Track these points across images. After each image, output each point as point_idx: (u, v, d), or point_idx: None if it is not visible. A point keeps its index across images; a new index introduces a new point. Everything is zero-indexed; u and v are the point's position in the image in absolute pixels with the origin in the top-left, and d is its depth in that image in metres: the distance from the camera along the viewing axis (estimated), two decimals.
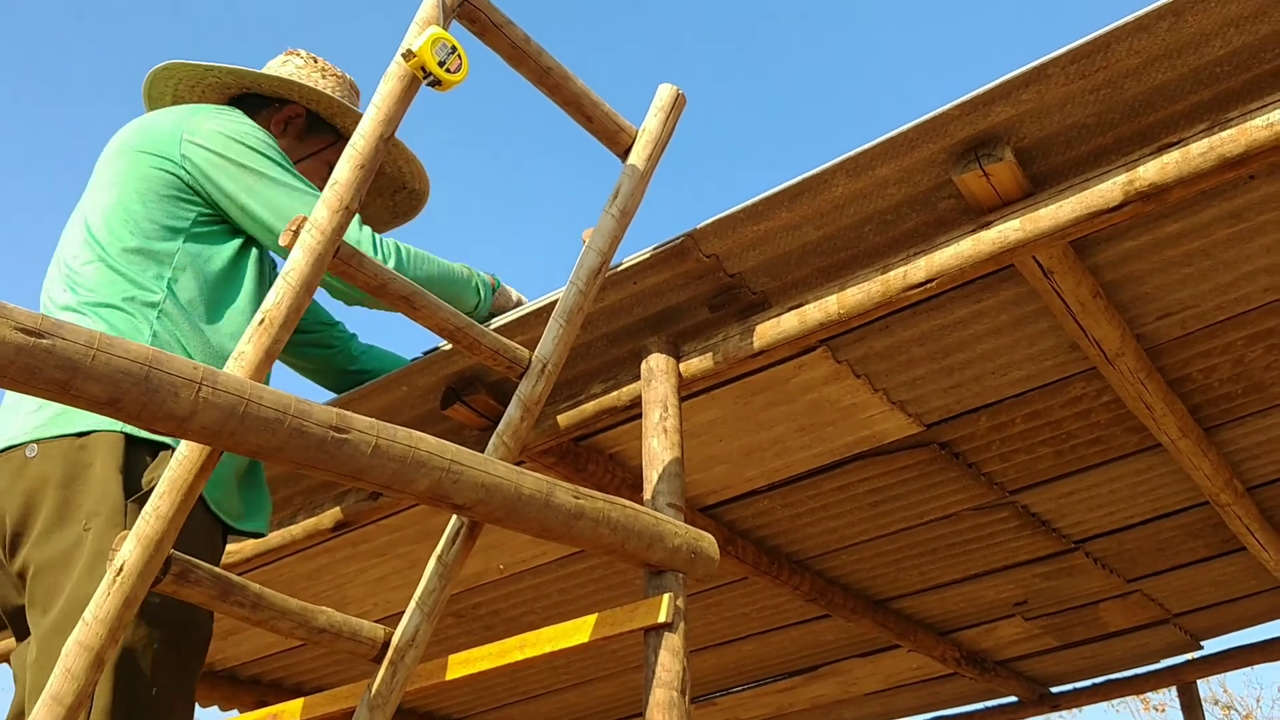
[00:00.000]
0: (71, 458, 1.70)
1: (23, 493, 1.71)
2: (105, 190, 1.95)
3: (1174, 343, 2.53)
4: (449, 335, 1.79)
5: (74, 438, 1.72)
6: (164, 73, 2.22)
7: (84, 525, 1.66)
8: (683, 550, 1.93)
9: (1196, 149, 1.79)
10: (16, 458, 1.73)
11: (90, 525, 1.66)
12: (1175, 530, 3.57)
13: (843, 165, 1.92)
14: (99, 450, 1.70)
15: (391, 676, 1.67)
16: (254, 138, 1.99)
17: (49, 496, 1.69)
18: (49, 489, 1.69)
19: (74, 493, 1.68)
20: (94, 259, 1.87)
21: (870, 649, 4.57)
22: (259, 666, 4.20)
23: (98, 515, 1.66)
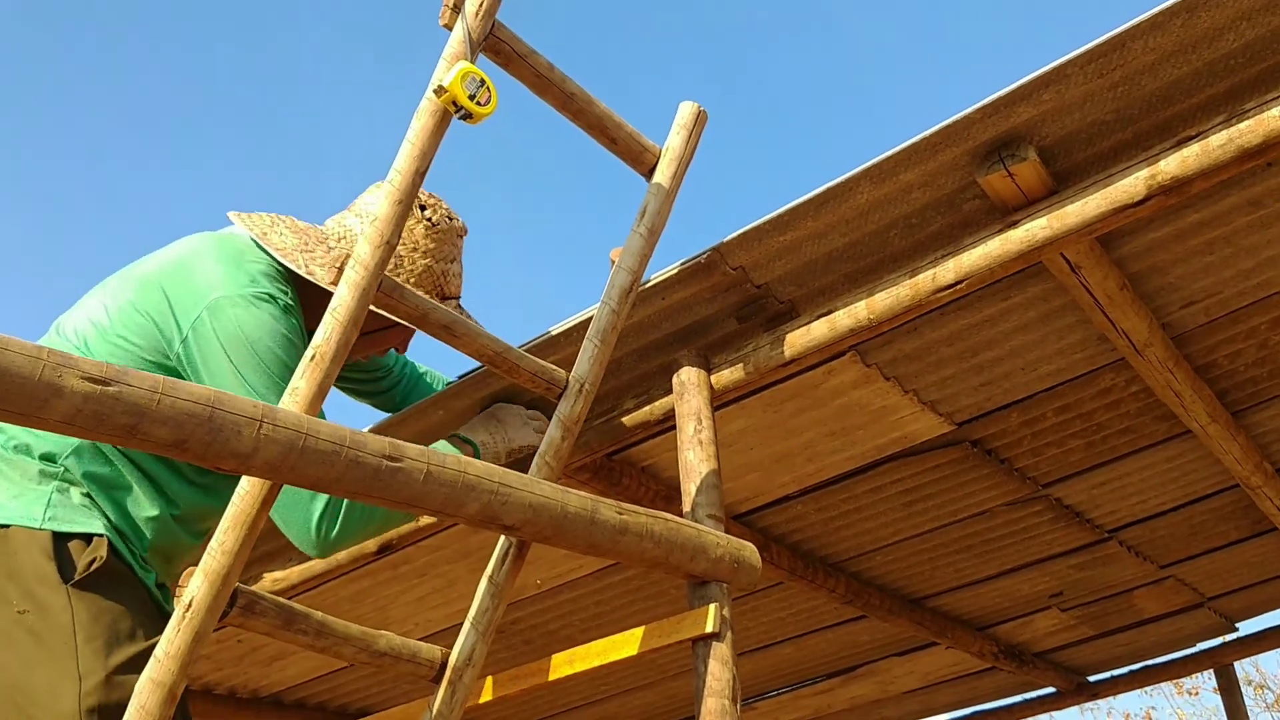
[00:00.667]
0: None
1: None
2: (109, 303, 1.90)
3: (1199, 330, 2.55)
4: (489, 360, 1.83)
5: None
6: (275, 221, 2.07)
7: (18, 609, 1.65)
8: (725, 560, 1.96)
9: (1215, 141, 1.82)
10: None
11: (27, 609, 1.64)
12: (1207, 514, 3.58)
13: (867, 172, 1.95)
14: (23, 542, 1.68)
15: (451, 696, 1.70)
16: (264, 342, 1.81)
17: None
18: None
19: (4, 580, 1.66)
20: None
21: (907, 647, 4.59)
22: (303, 690, 4.24)
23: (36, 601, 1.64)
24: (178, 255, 1.93)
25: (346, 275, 1.57)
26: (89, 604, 1.67)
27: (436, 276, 2.10)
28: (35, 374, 1.16)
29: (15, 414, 1.16)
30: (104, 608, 1.68)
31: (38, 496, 1.73)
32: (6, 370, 1.14)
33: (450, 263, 2.13)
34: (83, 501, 1.76)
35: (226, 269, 1.88)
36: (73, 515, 1.73)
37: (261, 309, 1.83)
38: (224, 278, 1.86)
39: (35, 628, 1.64)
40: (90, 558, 1.70)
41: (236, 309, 1.81)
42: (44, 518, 1.71)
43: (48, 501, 1.73)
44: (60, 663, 1.62)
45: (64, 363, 1.19)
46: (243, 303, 1.83)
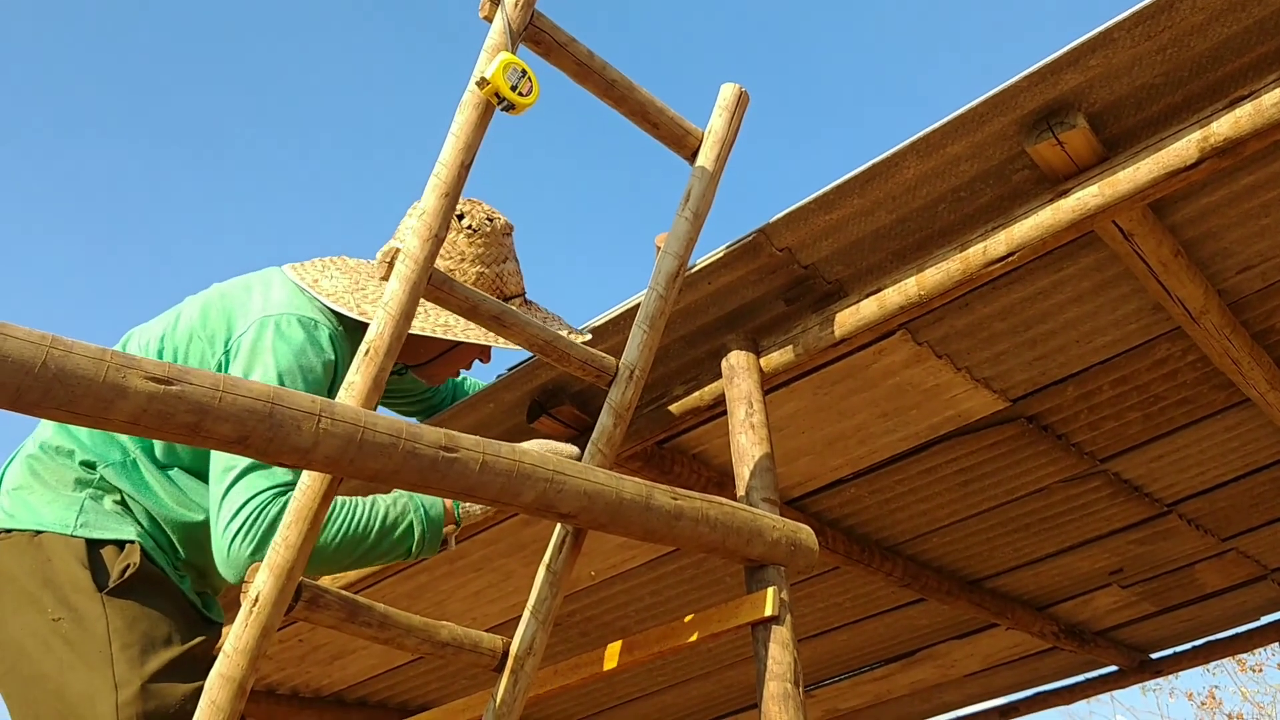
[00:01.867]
0: (33, 554, 1.72)
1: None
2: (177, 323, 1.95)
3: (1256, 295, 2.50)
4: (539, 349, 1.83)
5: (31, 534, 1.74)
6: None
7: (53, 616, 1.67)
8: (782, 543, 1.95)
9: (1269, 100, 1.78)
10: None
11: (62, 617, 1.67)
12: (1268, 484, 3.51)
13: (913, 146, 1.94)
14: (57, 549, 1.72)
15: (514, 685, 1.71)
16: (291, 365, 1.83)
17: (13, 591, 1.71)
18: (12, 584, 1.71)
19: (39, 588, 1.70)
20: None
21: (967, 630, 4.55)
22: (364, 689, 4.28)
23: (72, 609, 1.67)
24: (246, 281, 2.00)
25: (397, 270, 1.58)
26: (123, 611, 1.69)
27: (492, 280, 2.10)
28: (100, 375, 1.18)
29: (83, 415, 1.18)
30: (139, 614, 1.71)
31: (70, 503, 1.77)
32: (73, 373, 1.16)
33: (503, 263, 2.13)
34: (115, 509, 1.79)
35: (287, 294, 1.93)
36: (105, 521, 1.76)
37: (302, 333, 1.86)
38: (280, 301, 1.90)
39: (71, 636, 1.67)
40: (124, 564, 1.73)
41: (278, 328, 1.85)
42: (76, 524, 1.74)
43: (80, 508, 1.76)
44: (96, 671, 1.64)
45: (127, 364, 1.21)
46: (285, 322, 1.86)
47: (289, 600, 1.48)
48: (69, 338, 1.19)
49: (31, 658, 1.67)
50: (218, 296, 1.97)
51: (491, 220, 2.12)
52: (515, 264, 2.17)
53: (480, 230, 2.10)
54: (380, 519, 1.78)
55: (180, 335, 1.91)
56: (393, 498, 1.82)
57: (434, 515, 1.86)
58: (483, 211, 2.12)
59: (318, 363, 1.85)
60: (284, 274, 2.02)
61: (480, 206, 2.14)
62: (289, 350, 1.83)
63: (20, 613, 1.70)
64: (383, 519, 1.78)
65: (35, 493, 1.79)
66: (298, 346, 1.84)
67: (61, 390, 1.16)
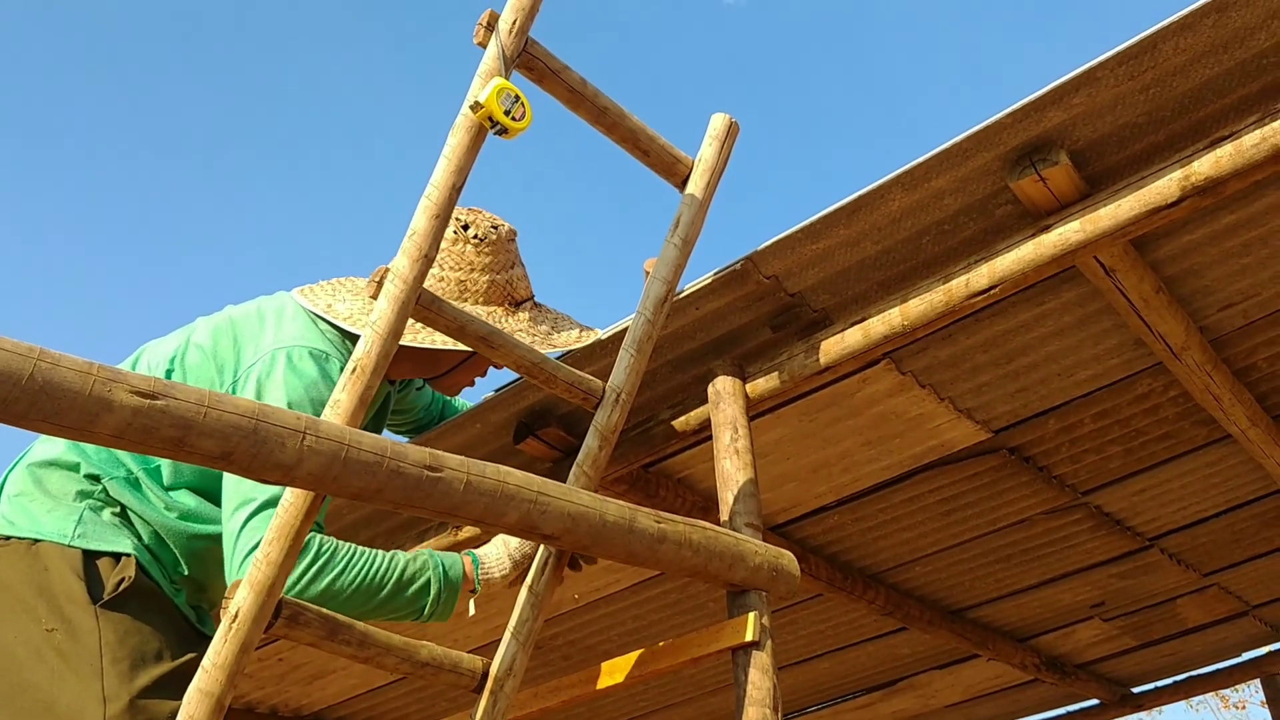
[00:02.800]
0: (30, 562, 1.73)
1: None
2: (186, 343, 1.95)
3: (1237, 333, 2.53)
4: (526, 371, 1.84)
5: (30, 542, 1.74)
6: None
7: (46, 626, 1.67)
8: (764, 569, 1.96)
9: (1249, 141, 1.81)
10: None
11: (55, 628, 1.67)
12: (1249, 520, 3.54)
13: (898, 179, 1.96)
14: (54, 559, 1.72)
15: (493, 706, 1.71)
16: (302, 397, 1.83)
17: (8, 598, 1.71)
18: (7, 591, 1.71)
19: (34, 597, 1.70)
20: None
21: (949, 660, 4.55)
22: (345, 709, 4.26)
23: (65, 620, 1.68)
24: (259, 307, 2.00)
25: (386, 289, 1.60)
26: (116, 624, 1.70)
27: (503, 287, 2.11)
28: (86, 389, 1.19)
29: (69, 428, 1.19)
30: (131, 628, 1.71)
31: (69, 513, 1.77)
32: (59, 385, 1.17)
33: (511, 269, 2.14)
34: (113, 520, 1.80)
35: (300, 326, 1.93)
36: (102, 533, 1.77)
37: (314, 366, 1.87)
38: (292, 334, 1.91)
39: (63, 647, 1.67)
40: (119, 577, 1.73)
41: (289, 361, 1.85)
42: (74, 534, 1.74)
43: (79, 519, 1.77)
44: (86, 684, 1.65)
45: (113, 378, 1.22)
46: (297, 355, 1.87)
47: (269, 617, 1.48)
48: (57, 351, 1.20)
49: (22, 666, 1.67)
50: (228, 324, 1.97)
51: (496, 228, 2.13)
52: (522, 268, 2.18)
53: (486, 239, 2.10)
54: (398, 573, 1.78)
55: (190, 359, 1.92)
56: (413, 554, 1.82)
57: (453, 576, 1.84)
58: (486, 220, 2.13)
59: (328, 396, 1.83)
60: (296, 302, 2.02)
61: (483, 215, 2.14)
62: (300, 383, 1.84)
63: (13, 620, 1.70)
64: (400, 573, 1.78)
65: (36, 501, 1.80)
66: (309, 379, 1.85)
67: (48, 402, 1.17)
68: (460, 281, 2.07)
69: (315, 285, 2.08)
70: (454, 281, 2.07)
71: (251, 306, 2.02)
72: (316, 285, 2.08)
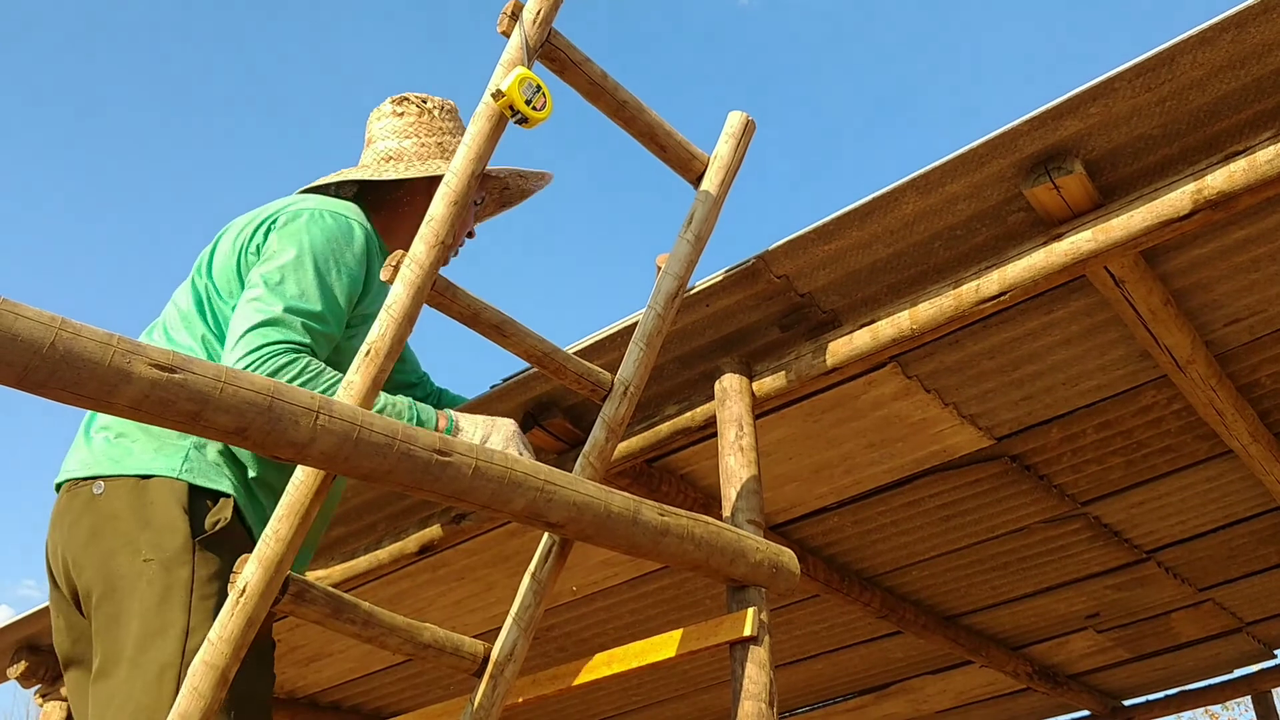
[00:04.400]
0: (138, 497, 1.77)
1: (89, 526, 1.78)
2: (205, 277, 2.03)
3: (1243, 348, 2.54)
4: (536, 361, 1.85)
5: (138, 479, 1.79)
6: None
7: (144, 557, 1.72)
8: (765, 565, 1.97)
9: (1263, 156, 1.82)
10: (84, 493, 1.81)
11: (152, 559, 1.72)
12: (1247, 537, 3.55)
13: (913, 183, 1.97)
14: (162, 493, 1.77)
15: (492, 690, 1.73)
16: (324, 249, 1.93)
17: (114, 531, 1.76)
18: (115, 523, 1.76)
19: (138, 530, 1.75)
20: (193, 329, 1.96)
21: (941, 665, 4.57)
22: (339, 693, 4.28)
23: (163, 552, 1.72)
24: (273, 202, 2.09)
25: (402, 274, 1.61)
26: (208, 563, 1.74)
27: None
28: (106, 359, 1.20)
29: (87, 398, 1.20)
30: (221, 570, 1.74)
31: (177, 450, 1.82)
32: (80, 355, 1.18)
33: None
34: (216, 460, 1.84)
35: (316, 199, 2.05)
36: (206, 471, 1.82)
37: (334, 222, 1.97)
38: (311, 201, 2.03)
39: (155, 578, 1.72)
40: (216, 517, 1.78)
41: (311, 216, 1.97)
42: (181, 469, 1.80)
43: (185, 456, 1.82)
44: (172, 614, 1.69)
45: (133, 350, 1.23)
46: (318, 214, 1.98)
47: (275, 592, 1.50)
48: (78, 321, 1.21)
49: (120, 595, 1.73)
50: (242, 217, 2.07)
51: (441, 102, 2.29)
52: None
53: (445, 106, 2.27)
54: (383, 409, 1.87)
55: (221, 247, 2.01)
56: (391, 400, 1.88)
57: (424, 418, 1.91)
58: (433, 98, 2.29)
59: (350, 254, 1.95)
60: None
61: (424, 96, 2.29)
62: (323, 234, 1.94)
63: (119, 553, 1.75)
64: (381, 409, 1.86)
65: (139, 441, 1.84)
66: (331, 233, 1.95)
67: (68, 371, 1.18)
68: (439, 144, 2.21)
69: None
70: (434, 145, 2.21)
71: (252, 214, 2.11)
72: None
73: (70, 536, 1.81)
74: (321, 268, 1.91)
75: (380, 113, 2.26)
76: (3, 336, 1.13)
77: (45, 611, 3.44)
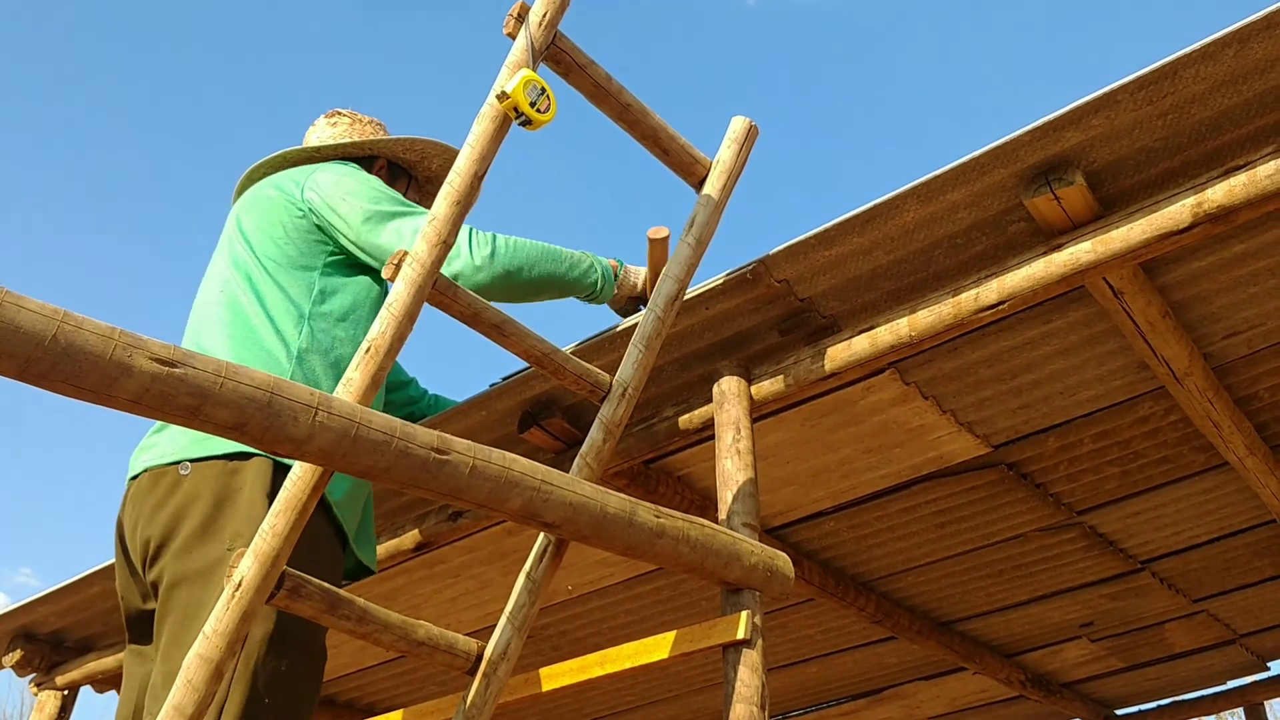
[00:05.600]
0: (224, 480, 1.81)
1: (173, 508, 1.81)
2: (239, 242, 2.11)
3: (1241, 361, 2.55)
4: (535, 361, 1.86)
5: (225, 460, 1.82)
6: (263, 164, 2.35)
7: (228, 545, 1.75)
8: (759, 568, 1.98)
9: (1264, 171, 1.83)
10: (170, 475, 1.84)
11: (234, 546, 1.74)
12: (1242, 549, 3.55)
13: (914, 191, 1.98)
14: (249, 474, 1.81)
15: (485, 689, 1.73)
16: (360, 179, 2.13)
17: (197, 513, 1.79)
18: (198, 506, 1.79)
19: (222, 513, 1.78)
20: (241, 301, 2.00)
21: (935, 671, 4.57)
22: (334, 687, 4.29)
23: (242, 537, 1.74)
24: (261, 187, 2.20)
25: (404, 273, 1.62)
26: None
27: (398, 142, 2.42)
28: (107, 353, 1.21)
29: (88, 391, 1.21)
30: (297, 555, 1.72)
31: None
32: (81, 349, 1.19)
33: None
34: None
35: (297, 170, 2.21)
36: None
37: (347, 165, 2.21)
38: (299, 169, 2.19)
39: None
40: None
41: (340, 167, 2.17)
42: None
43: None
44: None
45: (134, 343, 1.24)
46: (333, 165, 2.20)
47: (271, 587, 1.50)
48: (80, 314, 1.22)
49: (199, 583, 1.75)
50: (259, 190, 2.18)
51: (371, 117, 2.52)
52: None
53: (374, 120, 2.51)
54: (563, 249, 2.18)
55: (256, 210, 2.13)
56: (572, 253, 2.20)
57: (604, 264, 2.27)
58: (360, 114, 2.51)
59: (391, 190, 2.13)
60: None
61: (354, 111, 2.51)
62: (361, 175, 2.14)
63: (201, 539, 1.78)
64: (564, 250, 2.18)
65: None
66: (365, 175, 2.15)
67: (69, 364, 1.19)
68: (373, 133, 2.48)
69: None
70: (366, 138, 2.43)
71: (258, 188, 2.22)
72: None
73: (152, 518, 1.83)
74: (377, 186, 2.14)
75: (315, 126, 2.50)
76: (5, 328, 1.14)
77: (41, 600, 3.45)
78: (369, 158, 2.41)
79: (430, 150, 2.44)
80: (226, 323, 1.97)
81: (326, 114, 2.52)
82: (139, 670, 1.89)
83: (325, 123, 2.50)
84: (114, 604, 3.33)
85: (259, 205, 2.13)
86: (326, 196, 2.07)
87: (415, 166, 2.47)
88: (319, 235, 2.07)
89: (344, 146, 2.33)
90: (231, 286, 2.03)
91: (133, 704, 1.85)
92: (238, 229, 2.13)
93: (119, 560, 1.97)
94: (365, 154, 2.39)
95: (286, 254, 2.05)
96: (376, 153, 2.41)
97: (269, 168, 2.33)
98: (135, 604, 1.93)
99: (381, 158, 2.42)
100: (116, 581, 1.99)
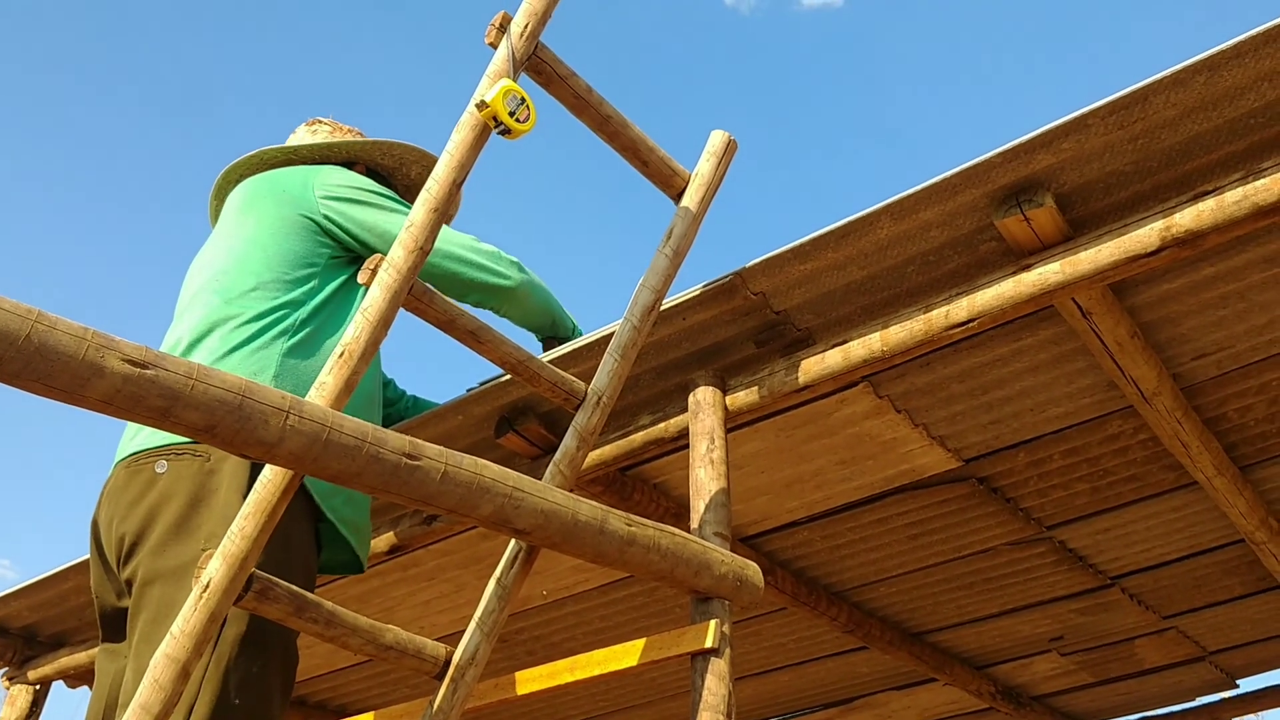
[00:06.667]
0: (200, 479, 1.82)
1: (148, 505, 1.82)
2: (236, 236, 2.13)
3: (1210, 382, 2.58)
4: (511, 368, 1.88)
5: (203, 460, 1.83)
6: (241, 163, 2.38)
7: (202, 545, 1.76)
8: (729, 578, 2.00)
9: (1231, 197, 1.86)
10: (146, 471, 1.85)
11: (209, 546, 1.75)
12: (1211, 567, 3.59)
13: (888, 208, 2.01)
14: (225, 474, 1.82)
15: (452, 694, 1.74)
16: (367, 180, 2.23)
17: (172, 512, 1.80)
18: (173, 504, 1.80)
19: (197, 512, 1.80)
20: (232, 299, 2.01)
21: (906, 682, 4.60)
22: (305, 688, 4.28)
23: (217, 537, 1.74)
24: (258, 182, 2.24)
25: (380, 277, 1.63)
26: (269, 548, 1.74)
27: (375, 145, 2.47)
28: (80, 353, 1.22)
29: (60, 391, 1.22)
30: (272, 549, 1.74)
31: None
32: (54, 349, 1.20)
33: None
34: None
35: (300, 169, 2.25)
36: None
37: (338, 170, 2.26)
38: (302, 169, 2.24)
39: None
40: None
41: (332, 175, 2.21)
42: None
43: None
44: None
45: (106, 344, 1.25)
46: (333, 166, 2.25)
47: (239, 589, 1.51)
48: (54, 314, 1.23)
49: (171, 582, 1.76)
50: (253, 185, 2.23)
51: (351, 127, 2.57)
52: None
53: (353, 129, 2.55)
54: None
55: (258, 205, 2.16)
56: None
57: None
58: (340, 123, 2.56)
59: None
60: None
61: (334, 120, 2.57)
62: (358, 178, 2.22)
63: (176, 538, 1.79)
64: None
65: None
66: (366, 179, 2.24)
67: (41, 364, 1.20)
68: (350, 132, 2.54)
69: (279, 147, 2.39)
70: (344, 137, 2.49)
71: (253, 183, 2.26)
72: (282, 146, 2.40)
73: (127, 515, 1.84)
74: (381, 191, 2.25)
75: (295, 134, 2.54)
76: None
77: (14, 594, 3.44)
78: (347, 163, 2.43)
79: (408, 156, 2.46)
80: (218, 321, 1.99)
81: (307, 122, 2.54)
82: (111, 667, 1.90)
83: (305, 130, 2.54)
84: (88, 600, 3.33)
85: (259, 203, 2.15)
86: (343, 194, 2.14)
87: (394, 173, 2.49)
88: (321, 235, 2.11)
89: (321, 148, 2.35)
90: (224, 280, 2.04)
91: (104, 701, 1.86)
92: (235, 225, 2.15)
93: (94, 557, 1.98)
94: (344, 158, 2.42)
95: (285, 253, 2.07)
96: (355, 157, 2.43)
97: (246, 168, 2.35)
98: (109, 601, 1.93)
99: (360, 163, 2.44)
100: (91, 578, 2.00)
